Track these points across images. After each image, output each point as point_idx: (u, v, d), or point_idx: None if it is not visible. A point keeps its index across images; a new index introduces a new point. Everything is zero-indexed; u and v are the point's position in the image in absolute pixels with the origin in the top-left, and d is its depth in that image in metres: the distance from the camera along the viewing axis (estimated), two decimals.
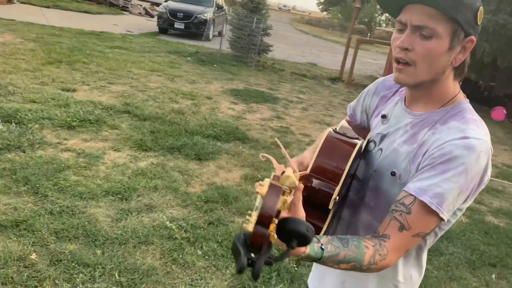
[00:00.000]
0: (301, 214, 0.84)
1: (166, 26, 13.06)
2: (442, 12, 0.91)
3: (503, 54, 8.65)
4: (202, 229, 2.96)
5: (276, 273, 2.64)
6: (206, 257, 2.67)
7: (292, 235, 0.57)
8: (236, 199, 3.49)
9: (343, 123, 1.23)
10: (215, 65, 9.32)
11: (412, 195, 0.94)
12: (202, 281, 2.47)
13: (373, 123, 1.21)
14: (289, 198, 0.74)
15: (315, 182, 0.98)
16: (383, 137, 1.13)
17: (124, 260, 2.48)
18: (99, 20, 13.49)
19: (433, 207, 0.92)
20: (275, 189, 0.58)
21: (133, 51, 9.10)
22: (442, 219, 0.94)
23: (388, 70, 13.31)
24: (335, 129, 1.10)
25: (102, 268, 2.38)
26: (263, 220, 0.55)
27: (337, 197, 0.96)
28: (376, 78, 8.41)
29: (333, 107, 7.82)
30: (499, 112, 9.52)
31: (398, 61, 0.99)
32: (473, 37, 0.96)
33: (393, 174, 1.04)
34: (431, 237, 1.07)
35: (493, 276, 3.21)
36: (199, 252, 2.70)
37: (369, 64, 16.53)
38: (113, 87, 6.02)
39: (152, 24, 14.74)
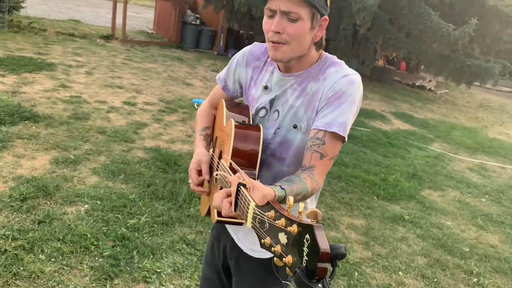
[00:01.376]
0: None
1: None
2: (303, 0, 1.10)
3: (255, 5, 9.77)
4: (33, 231, 2.56)
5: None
6: (53, 259, 2.37)
7: (336, 258, 0.68)
8: (57, 188, 3.10)
9: (227, 112, 1.33)
10: None
11: (322, 129, 1.16)
12: (60, 286, 2.20)
13: (254, 93, 1.34)
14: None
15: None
16: (272, 100, 1.29)
17: None
18: None
19: (341, 134, 1.16)
20: (320, 228, 0.66)
21: None
22: (345, 140, 1.19)
23: (157, 25, 13.30)
24: (236, 120, 1.22)
25: None
26: (325, 258, 0.64)
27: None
28: (148, 33, 8.54)
29: (118, 67, 7.44)
30: None
31: (273, 42, 1.16)
32: (326, 17, 1.19)
33: (295, 127, 1.24)
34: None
35: None
36: (42, 257, 2.36)
37: (134, 18, 16.04)
38: None
39: None
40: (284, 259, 0.69)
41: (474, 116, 10.26)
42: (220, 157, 1.26)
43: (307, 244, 0.65)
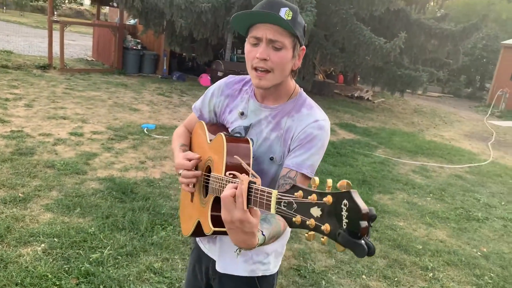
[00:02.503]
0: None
1: None
2: (287, 30, 1.19)
3: (196, 28, 9.90)
4: None
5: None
6: None
7: (370, 219, 0.73)
8: (8, 229, 2.94)
9: (208, 131, 1.38)
10: None
11: (294, 170, 1.24)
12: None
13: (229, 119, 1.41)
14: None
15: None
16: (246, 128, 1.35)
17: None
18: None
19: (309, 175, 1.25)
20: (356, 193, 0.74)
21: None
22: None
23: (96, 52, 12.98)
24: (225, 133, 1.26)
25: None
26: (365, 217, 0.71)
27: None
28: (88, 60, 8.41)
29: (59, 98, 7.16)
30: (205, 79, 11.06)
31: (257, 69, 1.23)
32: (304, 47, 1.29)
33: (271, 159, 1.31)
34: None
35: None
36: None
37: (70, 45, 15.54)
38: None
39: None
40: (322, 227, 0.76)
41: (410, 121, 10.96)
42: (208, 173, 1.29)
43: (345, 208, 0.72)
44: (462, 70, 18.43)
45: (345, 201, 0.73)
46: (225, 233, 1.16)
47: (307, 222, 0.79)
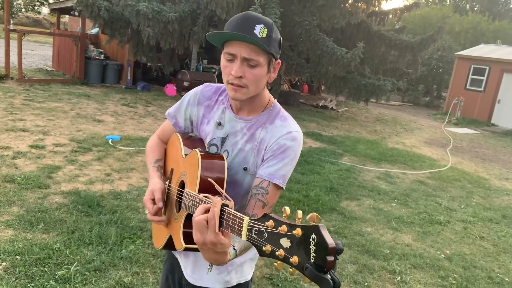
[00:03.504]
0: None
1: None
2: (261, 48, 1.21)
3: (163, 37, 9.84)
4: None
5: None
6: None
7: (337, 252, 0.76)
8: None
9: (178, 137, 1.38)
10: None
11: (266, 180, 1.26)
12: None
13: (206, 129, 1.42)
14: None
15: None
16: (223, 139, 1.37)
17: None
18: None
19: (281, 185, 1.27)
20: (324, 228, 0.75)
21: None
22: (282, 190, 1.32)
23: (56, 62, 12.58)
24: (200, 149, 1.26)
25: None
26: (332, 252, 0.73)
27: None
28: (48, 70, 8.19)
29: (18, 109, 6.88)
30: (171, 89, 10.95)
31: (233, 84, 1.25)
32: (279, 61, 1.32)
33: (245, 169, 1.33)
34: None
35: None
36: None
37: (28, 55, 15.01)
38: None
39: None
40: (290, 259, 0.78)
41: (373, 129, 11.29)
42: (182, 187, 1.28)
43: (313, 242, 0.74)
44: (420, 79, 19.20)
45: (313, 235, 0.75)
46: (196, 249, 1.17)
47: (277, 253, 0.81)
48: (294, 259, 0.77)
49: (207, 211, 0.99)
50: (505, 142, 12.72)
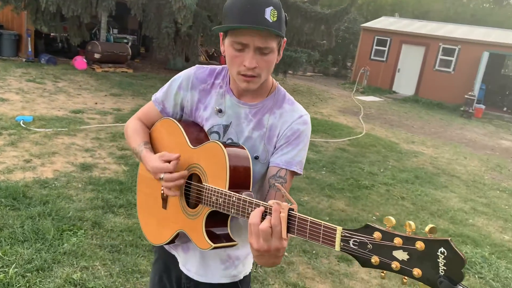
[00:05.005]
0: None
1: None
2: (274, 34, 1.11)
3: (65, 4, 8.86)
4: None
5: None
6: None
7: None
8: None
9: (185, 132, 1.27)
10: None
11: (284, 168, 1.22)
12: None
13: (203, 115, 1.31)
14: None
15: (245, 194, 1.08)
16: (226, 127, 1.27)
17: None
18: None
19: (299, 171, 1.24)
20: (452, 242, 0.78)
21: None
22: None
23: None
24: (222, 141, 1.18)
25: None
26: (464, 264, 0.76)
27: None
28: None
29: None
30: (80, 62, 10.06)
31: (246, 75, 1.16)
32: (285, 39, 1.23)
33: (256, 157, 1.25)
34: None
35: None
36: None
37: None
38: None
39: None
40: (413, 272, 0.79)
41: None
42: (199, 182, 1.18)
43: (442, 256, 0.75)
44: (329, 50, 20.06)
45: (442, 249, 0.76)
46: (224, 247, 1.12)
47: (392, 265, 0.81)
48: (417, 271, 0.78)
49: (263, 215, 0.94)
50: (406, 108, 14.03)
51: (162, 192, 1.27)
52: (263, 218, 0.97)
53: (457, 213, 4.85)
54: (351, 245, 0.86)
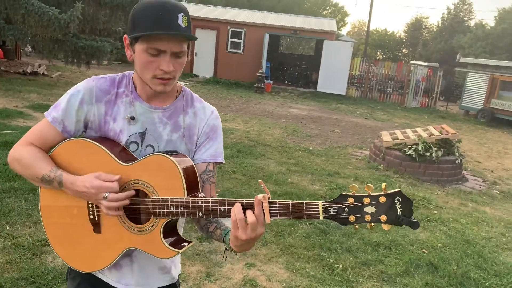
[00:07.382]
0: None
1: None
2: (188, 39, 1.19)
3: None
4: None
5: None
6: None
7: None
8: None
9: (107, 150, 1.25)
10: None
11: (211, 162, 1.32)
12: None
13: (115, 128, 1.28)
14: None
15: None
16: (142, 134, 1.28)
17: None
18: None
19: (223, 161, 1.36)
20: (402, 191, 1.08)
21: None
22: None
23: None
24: (162, 152, 1.22)
25: None
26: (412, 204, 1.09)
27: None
28: None
29: None
30: None
31: (162, 79, 1.20)
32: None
33: None
34: None
35: None
36: None
37: None
38: None
39: None
40: (381, 218, 1.06)
41: None
42: (144, 197, 1.20)
43: (398, 202, 1.05)
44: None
45: (397, 197, 1.05)
46: (186, 249, 1.24)
47: (365, 218, 1.07)
48: (383, 217, 1.06)
49: (243, 209, 1.09)
50: (209, 89, 15.03)
51: (91, 216, 1.24)
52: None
53: (278, 175, 5.74)
54: (332, 212, 1.09)
